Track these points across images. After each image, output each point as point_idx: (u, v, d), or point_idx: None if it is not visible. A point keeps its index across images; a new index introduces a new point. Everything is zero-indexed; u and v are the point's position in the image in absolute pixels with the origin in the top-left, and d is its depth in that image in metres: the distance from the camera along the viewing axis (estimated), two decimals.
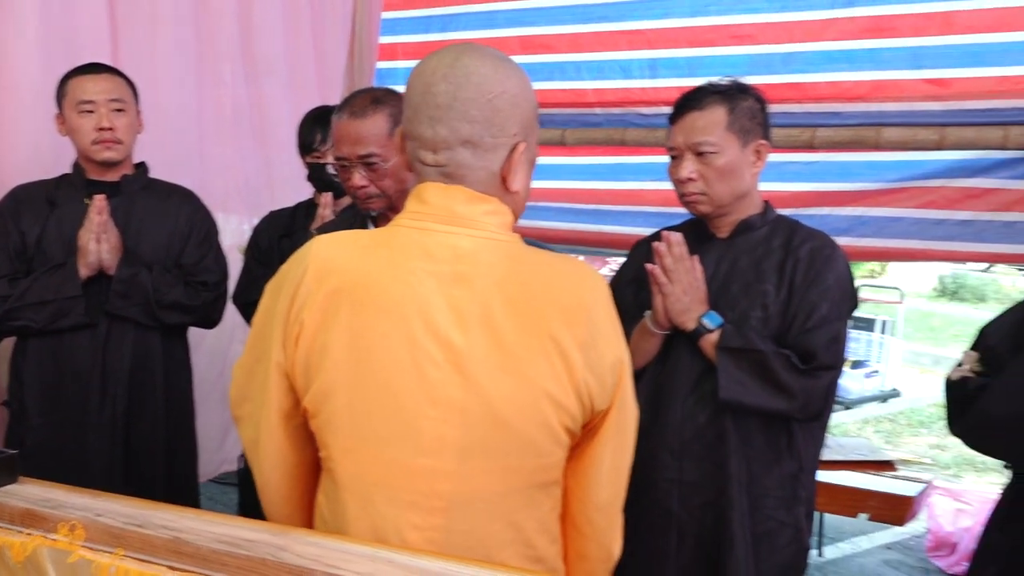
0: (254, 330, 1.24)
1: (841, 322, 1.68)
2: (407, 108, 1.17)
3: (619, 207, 3.41)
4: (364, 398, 1.12)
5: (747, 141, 1.71)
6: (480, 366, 1.10)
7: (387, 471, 1.13)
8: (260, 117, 3.39)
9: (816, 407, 1.68)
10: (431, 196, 1.14)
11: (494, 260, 1.12)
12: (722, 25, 3.09)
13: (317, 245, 1.17)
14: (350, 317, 1.11)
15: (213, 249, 2.32)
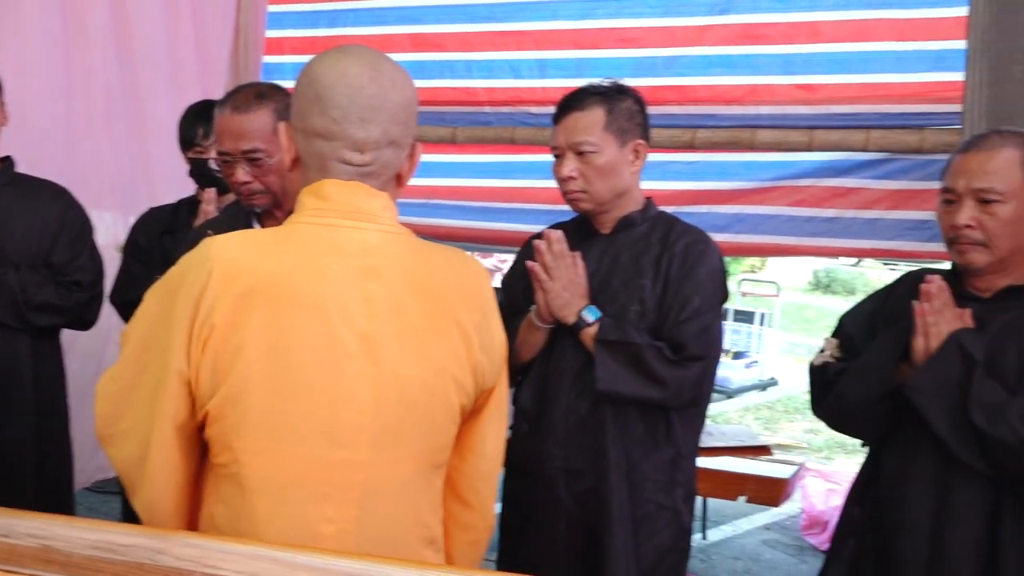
0: (136, 342, 1.17)
1: (712, 314, 1.77)
2: (321, 111, 1.14)
3: (509, 204, 3.46)
4: (280, 396, 1.11)
5: (625, 141, 1.78)
6: (393, 354, 1.14)
7: (303, 468, 1.13)
8: (137, 109, 3.24)
9: (688, 396, 1.76)
10: (333, 192, 1.16)
11: (399, 252, 1.18)
12: (608, 28, 3.17)
13: (218, 246, 1.13)
14: (266, 316, 1.10)
15: (87, 248, 2.24)
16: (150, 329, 1.16)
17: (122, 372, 1.19)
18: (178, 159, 3.28)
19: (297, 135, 1.19)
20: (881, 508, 1.64)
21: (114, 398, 1.19)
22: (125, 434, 1.18)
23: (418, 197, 3.47)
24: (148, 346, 1.15)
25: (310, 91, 1.16)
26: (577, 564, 1.79)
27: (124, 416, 1.18)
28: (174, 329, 1.11)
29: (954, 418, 1.48)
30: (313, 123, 1.15)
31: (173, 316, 1.11)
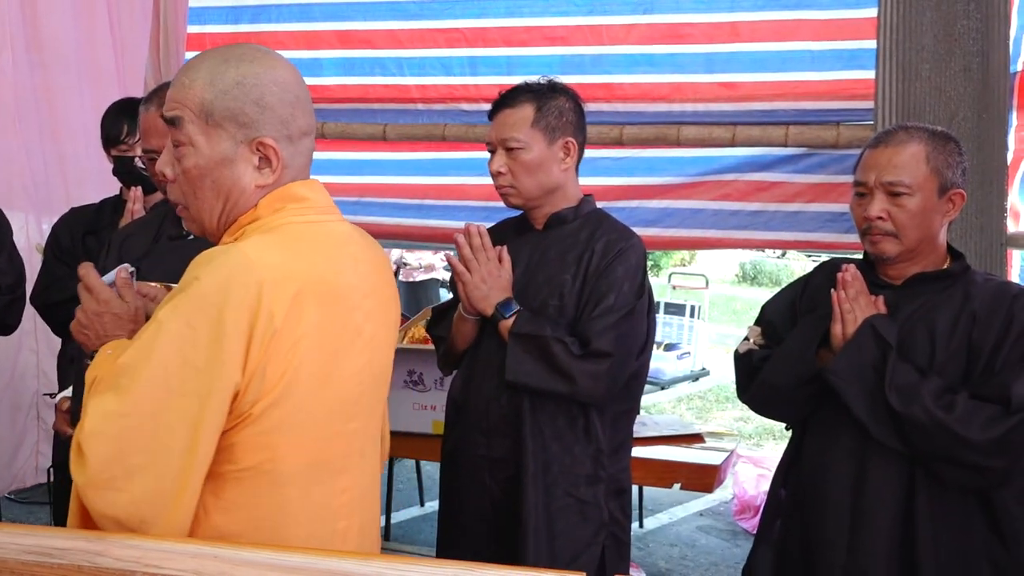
0: (157, 366, 1.07)
1: (623, 312, 1.76)
2: (304, 108, 1.18)
3: (442, 202, 3.47)
4: (319, 385, 1.16)
5: (554, 138, 1.81)
6: (378, 328, 1.26)
7: (329, 446, 1.19)
8: (49, 109, 3.18)
9: (596, 391, 1.75)
10: (303, 192, 1.20)
11: (358, 238, 1.27)
12: (535, 26, 3.21)
13: (255, 256, 1.10)
14: (316, 314, 1.14)
15: (6, 249, 2.18)
16: (177, 353, 1.08)
17: (137, 405, 1.08)
18: (93, 159, 3.21)
19: (281, 145, 1.17)
20: (804, 489, 1.71)
21: (121, 435, 1.08)
22: (136, 471, 1.07)
23: (351, 195, 3.46)
24: (174, 371, 1.08)
25: (288, 95, 1.17)
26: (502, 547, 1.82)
27: (134, 452, 1.08)
28: (226, 343, 1.06)
29: (871, 400, 1.56)
30: (299, 124, 1.19)
31: (223, 332, 1.06)
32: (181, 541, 1.02)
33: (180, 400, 1.07)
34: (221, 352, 1.07)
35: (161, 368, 1.07)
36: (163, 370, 1.07)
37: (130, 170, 2.29)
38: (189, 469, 1.07)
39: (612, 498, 1.85)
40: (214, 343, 1.07)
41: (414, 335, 3.10)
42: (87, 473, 1.08)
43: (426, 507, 4.02)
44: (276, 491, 1.14)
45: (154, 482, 1.07)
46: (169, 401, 1.07)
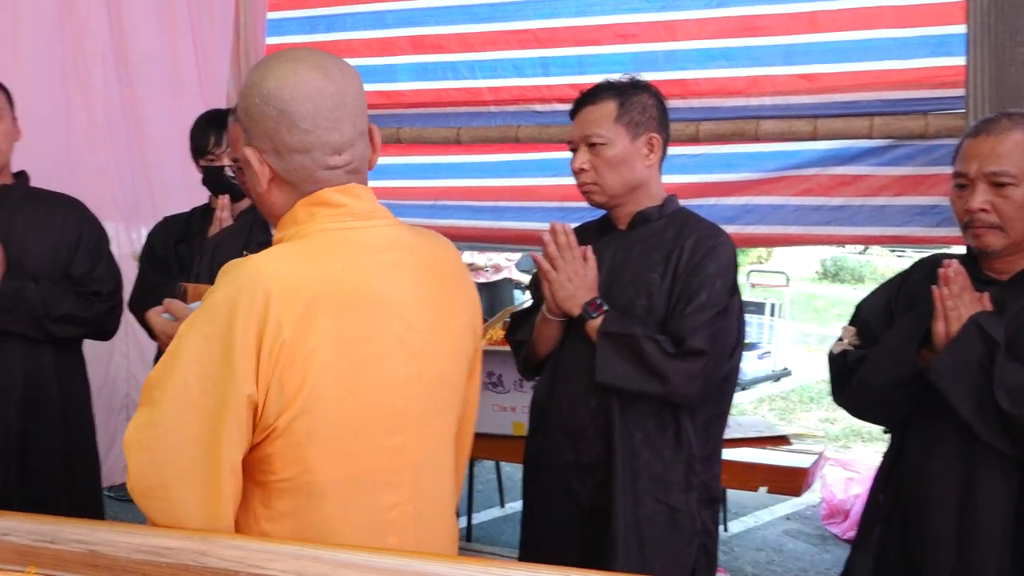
0: (178, 378, 1.10)
1: (717, 310, 1.73)
2: (290, 126, 1.14)
3: (516, 203, 3.47)
4: (347, 396, 1.13)
5: (637, 134, 1.79)
6: (429, 337, 1.21)
7: (368, 460, 1.16)
8: (135, 122, 3.30)
9: (690, 391, 1.71)
10: (339, 198, 1.18)
11: (410, 241, 1.24)
12: (607, 24, 3.18)
13: (264, 265, 1.11)
14: (331, 322, 1.11)
15: (104, 258, 2.26)
16: (195, 365, 1.10)
17: (163, 417, 1.11)
18: (176, 169, 3.33)
19: (268, 156, 1.17)
20: (907, 493, 1.64)
21: (152, 446, 1.12)
22: (171, 481, 1.11)
23: (426, 199, 3.49)
24: (193, 382, 1.10)
25: (270, 109, 1.15)
26: (588, 555, 1.80)
27: (167, 463, 1.11)
28: (237, 356, 1.07)
29: (977, 400, 1.49)
30: (285, 140, 1.15)
31: (232, 343, 1.07)
32: (283, 542, 1.04)
33: (198, 412, 1.09)
34: (232, 364, 1.07)
35: (182, 381, 1.10)
36: (183, 383, 1.10)
37: (218, 179, 2.36)
38: (216, 479, 1.09)
39: (704, 507, 1.80)
40: (226, 355, 1.08)
41: (492, 336, 3.11)
42: (131, 483, 1.12)
43: (507, 508, 4.03)
44: (315, 503, 1.14)
45: (187, 490, 1.10)
46: (191, 413, 1.10)
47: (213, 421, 1.08)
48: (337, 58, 1.21)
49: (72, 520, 1.12)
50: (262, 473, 1.14)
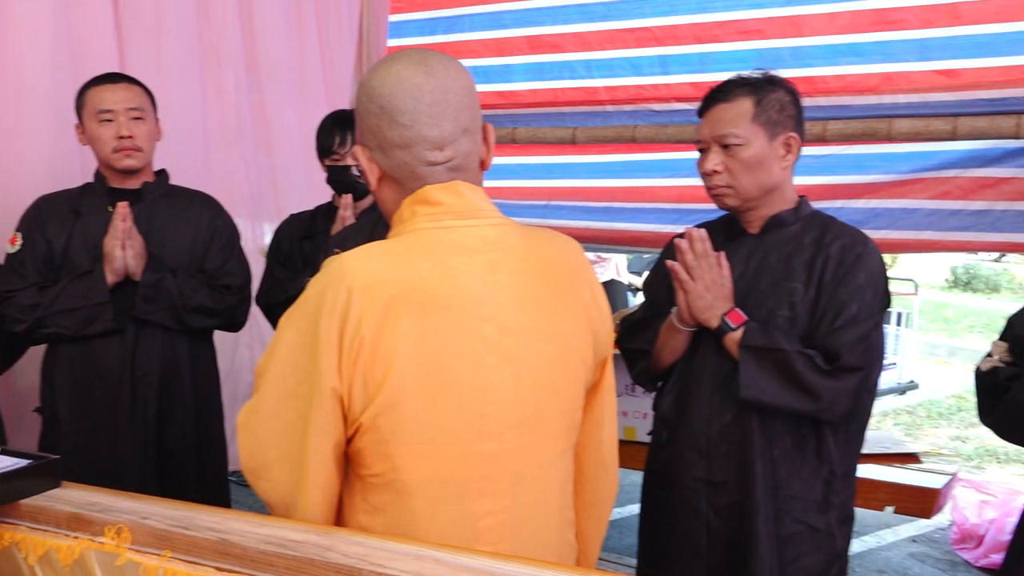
0: (277, 368, 1.18)
1: (871, 322, 1.64)
2: (391, 121, 1.16)
3: (631, 204, 3.42)
4: (432, 397, 1.13)
5: (775, 134, 1.69)
6: (528, 341, 1.18)
7: (458, 464, 1.16)
8: (264, 124, 3.44)
9: (842, 409, 1.63)
10: (438, 196, 1.18)
11: (514, 242, 1.21)
12: (729, 21, 3.10)
13: (351, 262, 1.14)
14: (412, 321, 1.12)
15: (235, 253, 2.35)
16: (290, 356, 1.17)
17: (263, 403, 1.19)
18: (300, 169, 3.46)
19: (375, 153, 1.20)
20: None
21: (256, 430, 1.20)
22: (272, 463, 1.19)
23: (539, 199, 3.49)
24: (289, 373, 1.16)
25: (372, 106, 1.18)
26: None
27: (269, 446, 1.19)
28: (321, 350, 1.12)
29: None
30: (387, 136, 1.18)
31: (317, 338, 1.12)
32: (404, 541, 1.05)
33: (294, 401, 1.15)
34: (318, 358, 1.12)
35: (280, 371, 1.17)
36: (281, 373, 1.17)
37: (342, 178, 2.43)
38: (307, 465, 1.14)
39: (841, 526, 1.71)
40: (312, 350, 1.12)
41: None
42: (242, 462, 1.21)
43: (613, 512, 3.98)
44: (404, 501, 1.16)
45: (286, 474, 1.17)
46: (287, 401, 1.16)
47: (304, 410, 1.14)
48: (446, 56, 1.21)
49: (205, 508, 1.17)
50: (359, 467, 1.18)
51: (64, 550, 1.13)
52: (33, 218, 2.20)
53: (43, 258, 2.16)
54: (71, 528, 1.15)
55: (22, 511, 1.20)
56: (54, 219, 2.19)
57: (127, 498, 1.21)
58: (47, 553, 1.15)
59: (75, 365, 2.17)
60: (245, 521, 1.11)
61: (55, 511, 1.17)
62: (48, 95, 2.53)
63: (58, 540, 1.15)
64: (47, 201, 2.23)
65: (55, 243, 2.17)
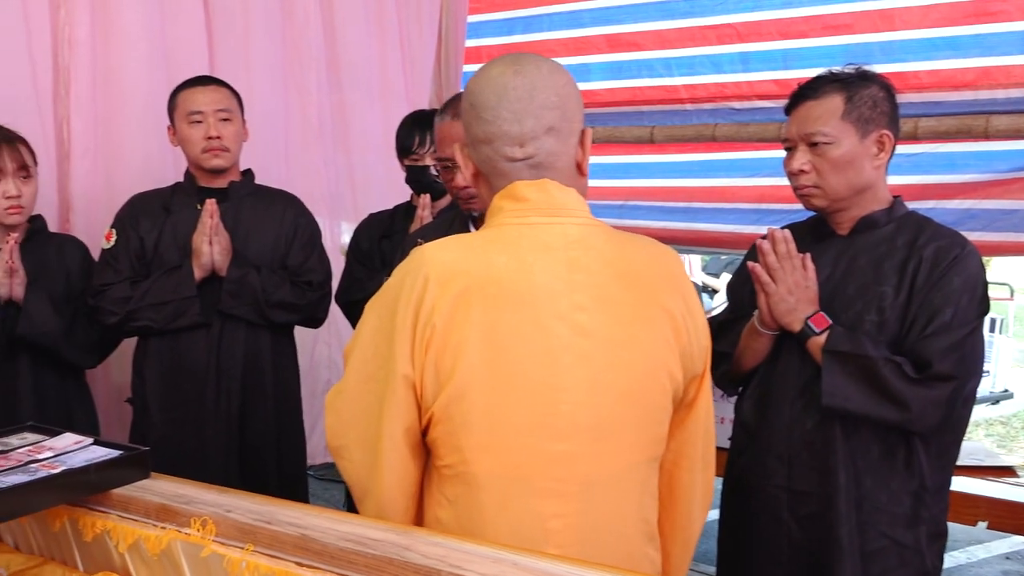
0: (358, 355, 1.22)
1: (966, 329, 1.56)
2: (476, 117, 1.20)
3: (710, 204, 3.36)
4: (502, 391, 1.14)
5: (867, 131, 1.62)
6: (605, 344, 1.17)
7: (527, 462, 1.15)
8: (344, 124, 3.51)
9: (932, 420, 1.56)
10: (525, 192, 1.19)
11: (600, 243, 1.20)
12: (816, 15, 3.02)
13: (430, 253, 1.17)
14: (483, 314, 1.13)
15: (317, 250, 2.39)
16: (371, 341, 1.20)
17: (347, 384, 1.24)
18: (377, 169, 3.51)
19: (469, 149, 1.25)
20: None
21: (341, 410, 1.24)
22: (353, 444, 1.23)
23: (616, 199, 3.45)
24: (370, 357, 1.20)
25: (466, 103, 1.23)
26: None
27: (351, 426, 1.23)
28: (397, 337, 1.15)
29: None
30: (474, 131, 1.21)
31: (394, 325, 1.15)
32: (483, 544, 1.04)
33: (373, 384, 1.18)
34: (393, 344, 1.15)
35: (362, 355, 1.22)
36: (363, 357, 1.21)
37: (420, 178, 2.45)
38: (382, 449, 1.17)
39: (932, 542, 1.63)
40: (389, 336, 1.16)
41: None
42: (327, 440, 1.25)
43: None
44: (473, 494, 1.16)
45: (364, 455, 1.20)
46: (366, 384, 1.19)
47: (380, 395, 1.17)
48: (544, 59, 1.23)
49: (287, 503, 1.18)
50: (435, 458, 1.20)
51: (152, 540, 1.17)
52: (127, 215, 2.29)
53: (136, 254, 2.24)
54: (159, 519, 1.19)
55: (113, 500, 1.24)
56: (146, 216, 2.27)
57: (212, 491, 1.24)
58: (136, 542, 1.19)
59: (164, 358, 2.24)
60: (325, 518, 1.12)
61: (144, 501, 1.21)
62: (145, 97, 2.62)
63: (147, 530, 1.18)
64: (140, 199, 2.32)
65: (147, 239, 2.25)
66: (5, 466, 1.24)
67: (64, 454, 1.30)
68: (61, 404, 2.22)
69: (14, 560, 1.35)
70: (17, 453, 1.31)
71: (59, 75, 2.55)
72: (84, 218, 2.57)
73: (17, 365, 2.14)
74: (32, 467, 1.24)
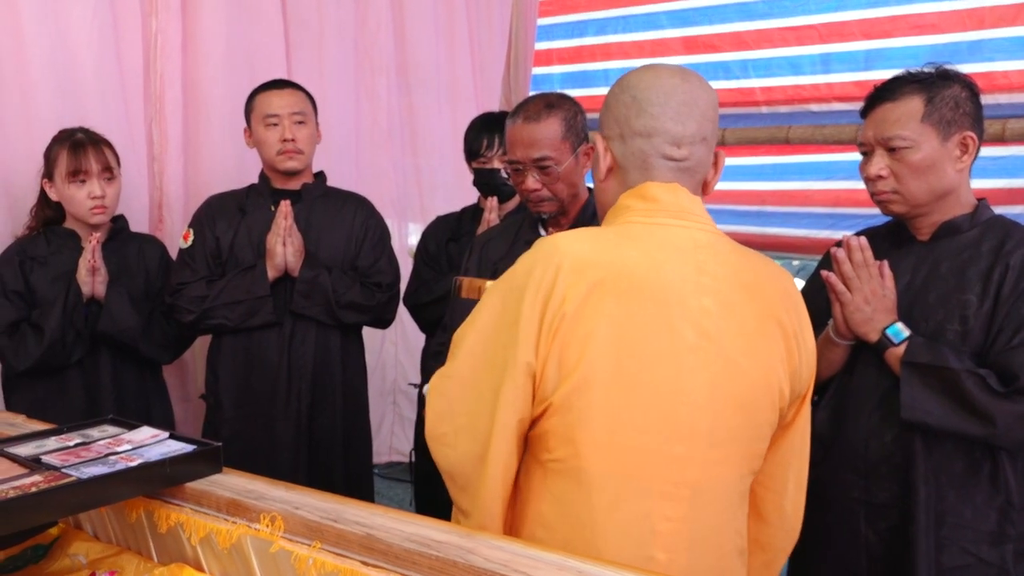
0: (475, 340, 1.20)
1: None
2: (640, 111, 1.20)
3: (783, 208, 3.29)
4: (624, 387, 1.13)
5: (949, 134, 1.55)
6: (728, 352, 1.16)
7: (642, 462, 1.14)
8: (412, 126, 3.55)
9: (1019, 435, 1.48)
10: (656, 193, 1.20)
11: (725, 252, 1.20)
12: (901, 15, 2.93)
13: (564, 242, 1.16)
14: (614, 306, 1.13)
15: (386, 252, 2.41)
16: (492, 326, 1.19)
17: (458, 369, 1.22)
18: (444, 172, 3.53)
19: (613, 143, 1.24)
20: None
21: (449, 394, 1.22)
22: (460, 431, 1.20)
23: None
24: (490, 343, 1.19)
25: (626, 97, 1.23)
26: None
27: (459, 413, 1.21)
28: (522, 323, 1.14)
29: None
30: (633, 124, 1.21)
31: (520, 311, 1.14)
32: (548, 550, 1.03)
33: (490, 372, 1.16)
34: (518, 331, 1.13)
35: (477, 339, 1.20)
36: (480, 342, 1.19)
37: (488, 180, 2.45)
38: (492, 437, 1.15)
39: (1020, 561, 1.54)
40: (514, 323, 1.14)
41: None
42: (427, 427, 1.22)
43: None
44: (584, 492, 1.15)
45: (471, 444, 1.18)
46: (482, 371, 1.18)
47: (497, 382, 1.15)
48: (700, 75, 1.25)
49: (353, 501, 1.19)
50: (541, 451, 1.18)
51: (223, 534, 1.19)
52: (204, 216, 2.35)
53: (212, 253, 2.30)
54: (230, 513, 1.21)
55: (187, 493, 1.27)
56: (222, 217, 2.33)
57: (281, 487, 1.25)
58: (208, 535, 1.21)
59: (237, 356, 2.29)
60: (390, 518, 1.13)
61: (216, 496, 1.23)
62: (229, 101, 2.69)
63: (218, 524, 1.21)
64: (217, 200, 2.38)
65: (223, 239, 2.31)
66: (86, 457, 1.29)
67: (141, 447, 1.34)
68: (140, 398, 2.29)
69: (93, 549, 1.39)
70: (97, 445, 1.35)
71: (150, 80, 2.64)
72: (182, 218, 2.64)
73: (99, 360, 2.22)
74: (111, 459, 1.28)
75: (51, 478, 1.19)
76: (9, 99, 2.36)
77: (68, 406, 2.14)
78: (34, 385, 2.16)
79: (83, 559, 1.37)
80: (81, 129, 2.22)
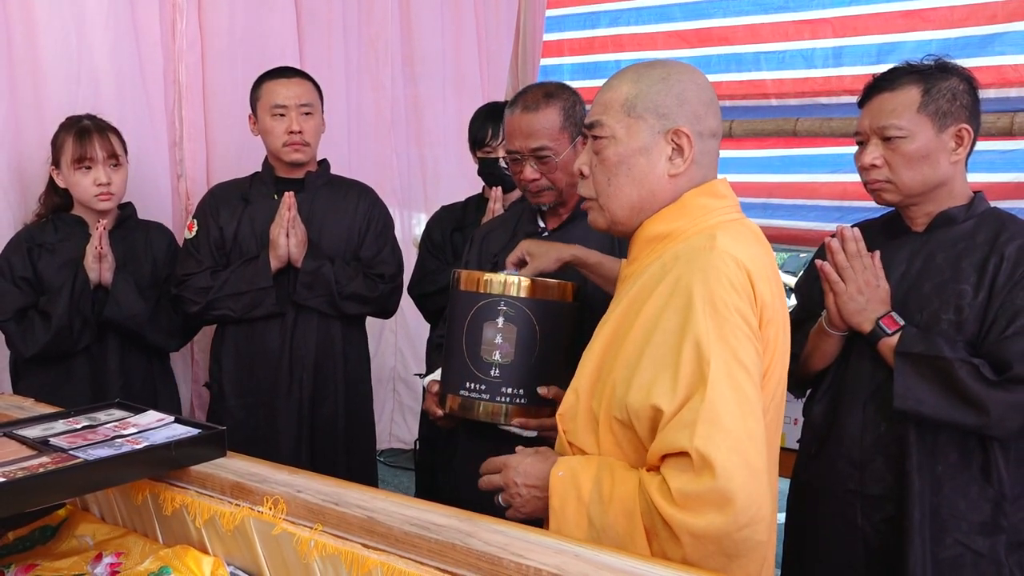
0: (719, 363, 1.10)
1: None
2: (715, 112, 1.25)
3: (790, 201, 3.29)
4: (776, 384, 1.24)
5: (944, 125, 1.56)
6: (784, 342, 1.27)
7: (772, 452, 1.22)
8: (416, 117, 3.56)
9: (1012, 425, 1.49)
10: (723, 190, 1.27)
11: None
12: (915, 9, 2.93)
13: (732, 248, 1.16)
14: (776, 299, 1.20)
15: (389, 242, 2.41)
16: (723, 346, 1.12)
17: (721, 408, 1.15)
18: (449, 162, 3.54)
19: (694, 138, 1.24)
20: None
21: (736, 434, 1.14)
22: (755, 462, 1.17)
23: None
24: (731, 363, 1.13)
25: (705, 95, 1.25)
26: None
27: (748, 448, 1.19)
28: (750, 333, 1.15)
29: None
30: (711, 124, 1.26)
31: (739, 321, 1.13)
32: (544, 534, 1.04)
33: (743, 393, 1.11)
34: (751, 340, 1.14)
35: (722, 362, 1.10)
36: (725, 363, 1.10)
37: (492, 170, 2.44)
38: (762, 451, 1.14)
39: (1012, 552, 1.55)
40: (743, 332, 1.13)
41: None
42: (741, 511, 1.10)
43: None
44: None
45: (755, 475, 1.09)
46: (742, 393, 1.11)
47: (754, 397, 1.13)
48: None
49: (354, 485, 1.20)
50: None
51: (227, 516, 1.20)
52: (207, 206, 2.35)
53: (216, 243, 2.31)
54: (234, 496, 1.22)
55: (192, 476, 1.29)
56: (226, 206, 2.33)
57: (284, 471, 1.27)
58: (212, 518, 1.23)
59: (240, 345, 2.31)
60: (391, 502, 1.14)
61: (220, 479, 1.25)
62: (232, 90, 2.70)
63: (222, 506, 1.22)
64: (220, 189, 2.39)
65: (226, 229, 2.31)
66: (93, 440, 1.30)
67: (147, 430, 1.36)
68: (147, 383, 2.31)
69: (100, 530, 1.41)
70: (104, 428, 1.37)
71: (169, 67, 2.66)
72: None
73: (106, 347, 2.24)
74: (118, 442, 1.30)
75: (58, 460, 1.21)
76: (22, 87, 2.37)
77: (75, 392, 2.16)
78: (42, 371, 2.18)
79: (90, 540, 1.40)
80: (88, 116, 2.23)
